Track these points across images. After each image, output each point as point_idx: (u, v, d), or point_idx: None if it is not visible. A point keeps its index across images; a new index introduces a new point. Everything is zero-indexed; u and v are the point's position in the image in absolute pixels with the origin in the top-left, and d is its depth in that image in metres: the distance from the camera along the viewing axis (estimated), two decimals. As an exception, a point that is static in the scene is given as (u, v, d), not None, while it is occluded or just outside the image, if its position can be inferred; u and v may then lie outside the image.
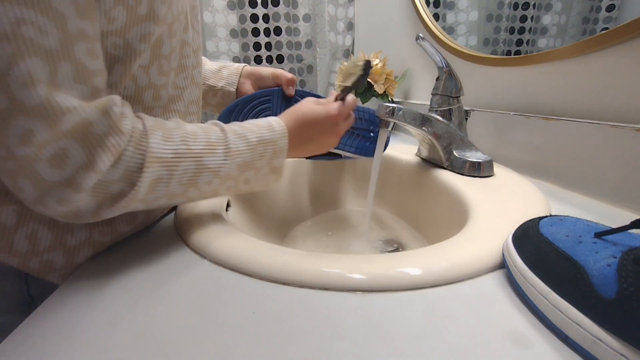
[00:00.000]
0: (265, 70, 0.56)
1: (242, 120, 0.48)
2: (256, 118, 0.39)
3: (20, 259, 0.32)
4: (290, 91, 0.52)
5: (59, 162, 0.24)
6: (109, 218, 0.34)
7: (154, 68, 0.34)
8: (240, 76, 0.56)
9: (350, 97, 0.44)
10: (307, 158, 0.52)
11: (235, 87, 0.56)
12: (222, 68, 0.58)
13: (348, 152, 0.50)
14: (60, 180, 0.25)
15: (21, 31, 0.21)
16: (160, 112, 0.37)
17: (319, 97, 0.50)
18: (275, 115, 0.49)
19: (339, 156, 0.52)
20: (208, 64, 0.58)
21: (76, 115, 0.24)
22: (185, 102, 0.41)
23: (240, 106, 0.50)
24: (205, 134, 0.32)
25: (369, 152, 0.51)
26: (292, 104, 0.51)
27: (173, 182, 0.29)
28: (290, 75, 0.52)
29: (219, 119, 0.47)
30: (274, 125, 0.36)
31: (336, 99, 0.43)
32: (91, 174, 0.25)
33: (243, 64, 0.58)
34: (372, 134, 0.51)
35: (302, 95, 0.53)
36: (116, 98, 0.27)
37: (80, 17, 0.24)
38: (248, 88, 0.56)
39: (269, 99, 0.51)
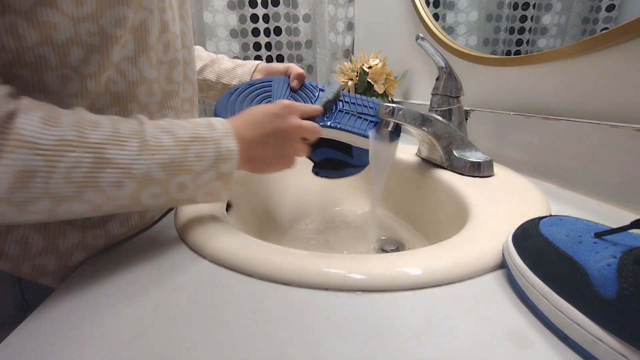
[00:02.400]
0: (279, 64, 0.56)
1: (241, 105, 0.45)
2: (257, 104, 0.37)
3: (11, 264, 0.32)
4: (294, 84, 0.50)
5: None
6: (101, 220, 0.33)
7: (142, 60, 0.33)
8: (253, 73, 0.57)
9: (312, 106, 0.42)
10: (329, 178, 0.51)
11: None
12: (237, 67, 0.58)
13: (364, 135, 0.47)
14: None
15: None
16: (156, 108, 0.36)
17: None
18: (277, 98, 0.48)
19: (361, 168, 0.51)
20: (224, 63, 0.59)
21: None
22: (180, 99, 0.40)
23: (240, 90, 0.48)
24: (113, 124, 0.26)
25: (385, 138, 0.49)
26: (299, 94, 0.50)
27: (56, 178, 0.23)
28: (300, 70, 0.52)
29: (217, 104, 0.46)
30: (214, 123, 0.32)
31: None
32: None
33: (258, 62, 0.59)
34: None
35: (311, 88, 0.52)
36: None
37: None
38: None
39: (269, 84, 0.50)
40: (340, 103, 0.48)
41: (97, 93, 0.31)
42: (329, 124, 0.45)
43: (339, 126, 0.45)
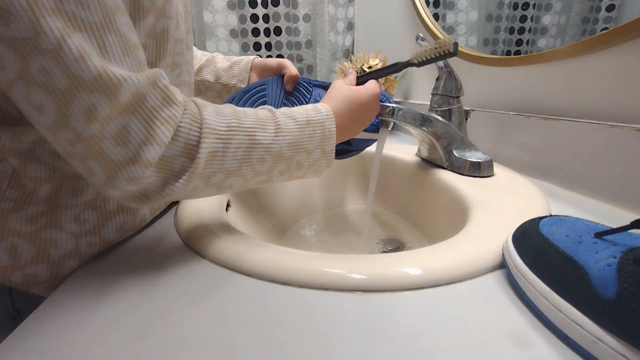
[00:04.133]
0: (272, 60, 0.56)
1: None
2: (253, 108, 0.38)
3: (0, 273, 0.31)
4: (289, 87, 0.51)
5: (122, 140, 0.25)
6: (96, 226, 0.33)
7: (162, 65, 0.34)
8: (250, 70, 0.57)
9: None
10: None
11: (247, 84, 0.57)
12: (234, 64, 0.58)
13: (373, 131, 0.49)
14: (126, 158, 0.25)
15: (63, 6, 0.21)
16: None
17: (326, 86, 0.51)
18: (272, 102, 0.50)
19: (358, 152, 0.51)
20: (220, 62, 0.59)
21: (131, 86, 0.24)
22: None
23: (238, 97, 0.50)
24: (254, 112, 0.32)
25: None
26: (293, 95, 0.51)
27: (228, 156, 0.29)
28: (294, 72, 0.52)
29: None
30: (319, 107, 0.36)
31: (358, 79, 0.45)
32: (155, 148, 0.25)
33: (253, 57, 0.59)
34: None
35: (307, 84, 0.52)
36: (161, 71, 0.27)
37: None
38: (255, 80, 0.57)
39: (264, 88, 0.51)
40: None
41: None
42: None
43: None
